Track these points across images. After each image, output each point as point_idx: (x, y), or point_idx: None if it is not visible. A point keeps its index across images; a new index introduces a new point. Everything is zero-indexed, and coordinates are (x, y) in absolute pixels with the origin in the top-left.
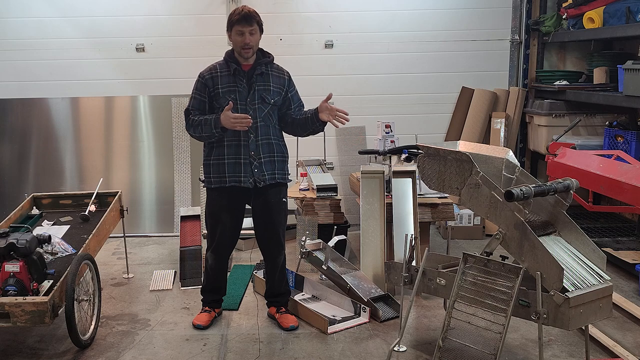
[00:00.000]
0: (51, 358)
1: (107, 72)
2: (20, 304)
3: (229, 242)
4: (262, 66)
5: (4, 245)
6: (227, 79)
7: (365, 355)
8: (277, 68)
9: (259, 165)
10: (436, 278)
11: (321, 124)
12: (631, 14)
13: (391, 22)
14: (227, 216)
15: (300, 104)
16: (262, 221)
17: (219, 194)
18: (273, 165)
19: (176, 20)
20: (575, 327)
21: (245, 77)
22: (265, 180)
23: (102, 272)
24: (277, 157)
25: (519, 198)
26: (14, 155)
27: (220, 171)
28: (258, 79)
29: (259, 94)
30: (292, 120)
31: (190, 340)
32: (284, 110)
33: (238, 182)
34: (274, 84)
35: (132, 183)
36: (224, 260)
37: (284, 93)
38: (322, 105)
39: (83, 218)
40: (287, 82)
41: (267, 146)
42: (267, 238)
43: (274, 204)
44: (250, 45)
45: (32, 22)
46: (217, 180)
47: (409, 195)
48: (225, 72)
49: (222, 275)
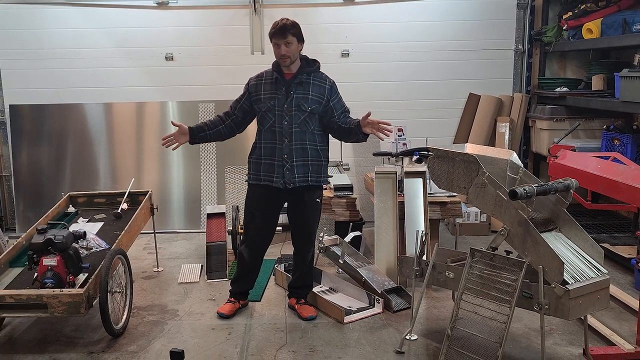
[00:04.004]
0: (86, 346)
1: (138, 80)
2: (58, 296)
3: (261, 238)
4: (303, 75)
5: (43, 241)
6: (269, 86)
7: (379, 343)
8: (320, 77)
9: (290, 168)
10: (445, 271)
11: (364, 136)
12: (627, 26)
13: (403, 33)
14: (259, 212)
15: (345, 110)
16: (296, 219)
17: (255, 190)
18: (306, 169)
19: (202, 31)
20: (575, 317)
21: (285, 85)
22: (295, 182)
23: (134, 266)
24: (313, 161)
25: (523, 197)
26: (52, 157)
27: (257, 169)
28: (297, 88)
29: (297, 101)
30: (338, 127)
31: (216, 329)
32: (328, 118)
33: (270, 181)
34: (313, 93)
35: (162, 183)
36: (257, 254)
37: (324, 101)
38: (364, 122)
39: (116, 215)
40: (328, 90)
41: (301, 150)
42: (299, 235)
43: (307, 205)
44: (287, 56)
45: (68, 33)
46: (254, 178)
47: (419, 194)
48: (269, 79)
49: (253, 269)
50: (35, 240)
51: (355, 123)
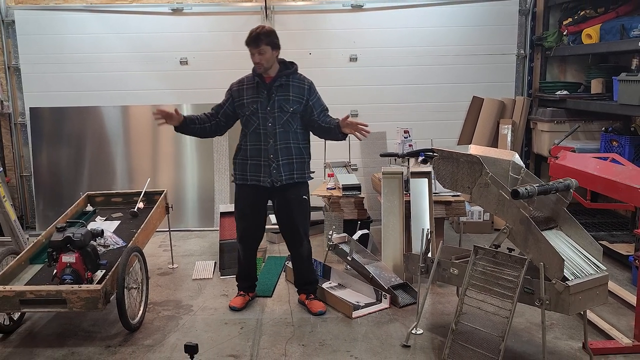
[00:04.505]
0: (104, 340)
1: (154, 83)
2: (76, 292)
3: (253, 234)
4: (282, 78)
5: (62, 239)
6: (251, 90)
7: (386, 337)
8: (298, 78)
9: (276, 167)
10: (450, 268)
11: (343, 136)
12: (625, 31)
13: (409, 39)
14: (249, 210)
15: (324, 109)
16: (282, 216)
17: (243, 190)
18: (291, 167)
19: (215, 36)
20: (575, 312)
21: (266, 88)
22: (282, 180)
23: (150, 263)
24: (296, 159)
25: (524, 196)
26: (71, 158)
27: (243, 170)
28: (278, 90)
29: (279, 103)
30: (319, 126)
31: (229, 324)
32: (308, 117)
33: (258, 181)
34: (293, 94)
35: (177, 183)
36: (251, 249)
37: (304, 101)
38: (343, 122)
39: (132, 214)
40: (307, 90)
41: (286, 150)
42: (287, 231)
43: (293, 201)
44: (261, 64)
45: (87, 39)
46: (240, 178)
47: (425, 193)
48: (250, 84)
49: (251, 263)
50: (55, 238)
51: (335, 123)
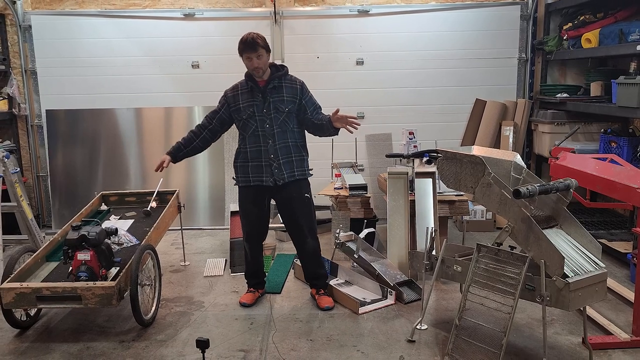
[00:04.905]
0: (118, 335)
1: (166, 86)
2: (91, 288)
3: (258, 232)
4: (275, 80)
5: (77, 237)
6: (246, 95)
7: (392, 332)
8: (290, 79)
9: (278, 166)
10: (453, 265)
11: (335, 130)
12: (623, 36)
13: (414, 43)
14: (253, 210)
15: (316, 107)
16: (286, 213)
17: (246, 191)
18: (292, 165)
19: (226, 40)
20: (575, 308)
21: (260, 92)
22: (284, 178)
23: (162, 260)
24: (295, 157)
25: (526, 196)
26: (85, 159)
27: (245, 172)
28: (272, 92)
29: (274, 104)
30: (312, 123)
31: (239, 319)
32: (302, 115)
33: (260, 181)
34: (287, 94)
35: (188, 183)
36: (257, 247)
37: (297, 100)
38: (334, 117)
39: (145, 213)
40: (299, 90)
41: (285, 149)
42: (291, 228)
43: (295, 198)
44: (260, 68)
45: (101, 43)
46: (243, 180)
47: (429, 193)
48: (245, 89)
49: (257, 260)
50: (70, 237)
51: (327, 119)
